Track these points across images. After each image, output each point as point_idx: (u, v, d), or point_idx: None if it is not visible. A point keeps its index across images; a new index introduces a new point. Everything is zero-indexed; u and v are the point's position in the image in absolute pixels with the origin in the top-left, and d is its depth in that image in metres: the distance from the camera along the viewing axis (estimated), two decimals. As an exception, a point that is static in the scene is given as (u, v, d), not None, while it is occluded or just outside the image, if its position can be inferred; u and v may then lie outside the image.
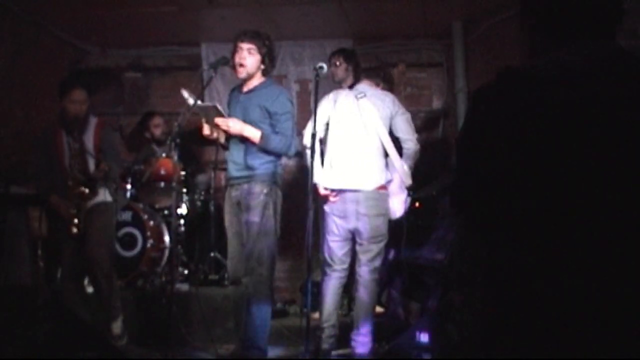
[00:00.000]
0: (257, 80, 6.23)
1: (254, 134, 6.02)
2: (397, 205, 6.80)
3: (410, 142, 6.80)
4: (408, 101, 9.75)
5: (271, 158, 6.08)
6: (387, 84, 8.63)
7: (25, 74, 8.78)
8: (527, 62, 2.36)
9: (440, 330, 5.25)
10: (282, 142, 6.02)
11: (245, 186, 6.06)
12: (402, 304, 7.23)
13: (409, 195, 6.85)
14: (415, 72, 9.76)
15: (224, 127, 6.04)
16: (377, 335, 6.66)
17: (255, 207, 5.99)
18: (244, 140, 6.07)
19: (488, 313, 2.32)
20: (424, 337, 5.63)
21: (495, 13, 8.67)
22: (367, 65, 9.62)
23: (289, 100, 6.21)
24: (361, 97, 6.65)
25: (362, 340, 6.43)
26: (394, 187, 6.79)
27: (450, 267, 6.34)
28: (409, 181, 6.80)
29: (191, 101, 5.94)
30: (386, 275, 7.63)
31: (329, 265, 6.54)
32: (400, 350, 5.96)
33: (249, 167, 6.05)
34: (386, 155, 6.71)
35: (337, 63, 7.73)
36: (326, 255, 6.57)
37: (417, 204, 7.75)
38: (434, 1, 8.33)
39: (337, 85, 7.57)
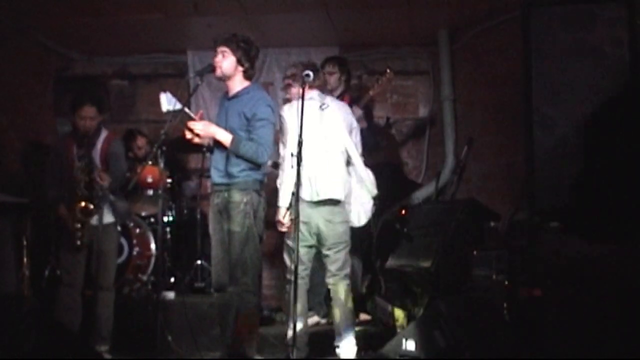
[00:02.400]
0: (240, 85, 6.15)
1: (225, 138, 5.95)
2: (363, 213, 6.76)
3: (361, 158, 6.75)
4: (394, 109, 9.79)
5: (252, 165, 6.02)
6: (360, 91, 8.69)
7: (11, 81, 8.76)
8: None
9: (426, 337, 5.25)
10: (253, 149, 5.88)
11: (226, 194, 6.01)
12: (389, 311, 7.23)
13: (374, 204, 6.83)
14: (402, 79, 9.76)
15: (196, 131, 5.99)
16: (364, 343, 6.66)
17: (235, 216, 5.94)
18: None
19: None
20: (410, 345, 5.63)
21: (480, 21, 8.72)
22: (354, 72, 9.67)
23: (269, 106, 6.05)
24: (325, 108, 6.58)
25: (345, 347, 6.41)
26: (359, 195, 6.75)
27: (437, 274, 6.35)
28: (375, 191, 6.77)
29: (164, 107, 5.92)
30: (371, 281, 7.64)
31: (292, 272, 6.50)
32: (386, 358, 5.95)
33: (229, 175, 5.99)
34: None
35: (332, 71, 7.70)
36: (288, 261, 6.48)
37: (403, 212, 7.77)
38: (420, 9, 8.35)
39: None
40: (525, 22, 5.30)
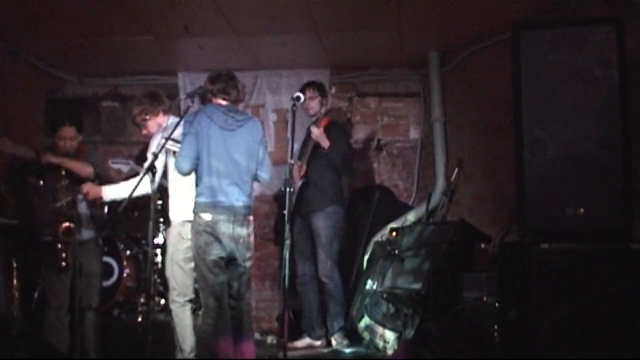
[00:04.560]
0: None
1: None
2: None
3: None
4: (385, 131, 9.81)
5: (196, 187, 6.13)
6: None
7: (2, 102, 8.74)
8: None
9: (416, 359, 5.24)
10: None
11: None
12: (379, 333, 7.23)
13: None
14: (392, 102, 9.80)
15: None
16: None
17: None
18: None
19: None
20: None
21: (470, 43, 8.75)
22: (344, 95, 9.72)
23: (185, 121, 6.10)
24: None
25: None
26: None
27: (427, 296, 6.35)
28: None
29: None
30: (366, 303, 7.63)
31: (184, 295, 6.43)
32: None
33: None
34: None
35: (313, 96, 7.71)
36: (182, 284, 6.41)
37: (394, 233, 7.77)
38: (410, 32, 8.38)
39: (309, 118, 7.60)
40: (515, 45, 5.31)
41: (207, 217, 5.93)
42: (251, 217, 6.22)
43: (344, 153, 7.80)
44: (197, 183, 6.04)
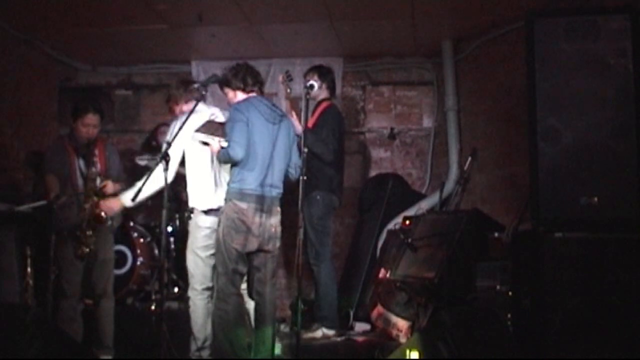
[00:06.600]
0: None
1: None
2: None
3: None
4: (398, 119, 9.81)
5: (234, 176, 6.14)
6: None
7: (15, 91, 8.77)
8: None
9: (430, 348, 5.24)
10: (224, 151, 6.02)
11: None
12: (392, 322, 7.23)
13: None
14: (406, 90, 9.80)
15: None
16: (367, 354, 6.65)
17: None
18: None
19: None
20: (413, 355, 5.62)
21: (484, 32, 8.73)
22: (358, 83, 9.71)
23: (233, 109, 6.15)
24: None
25: None
26: None
27: (441, 285, 6.34)
28: None
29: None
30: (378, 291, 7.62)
31: (202, 283, 6.43)
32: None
33: None
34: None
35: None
36: (199, 272, 6.42)
37: (407, 222, 7.76)
38: (424, 20, 8.36)
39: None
40: (529, 33, 5.30)
41: (241, 205, 5.96)
42: (279, 208, 6.25)
43: (320, 135, 7.64)
44: (235, 170, 6.05)
